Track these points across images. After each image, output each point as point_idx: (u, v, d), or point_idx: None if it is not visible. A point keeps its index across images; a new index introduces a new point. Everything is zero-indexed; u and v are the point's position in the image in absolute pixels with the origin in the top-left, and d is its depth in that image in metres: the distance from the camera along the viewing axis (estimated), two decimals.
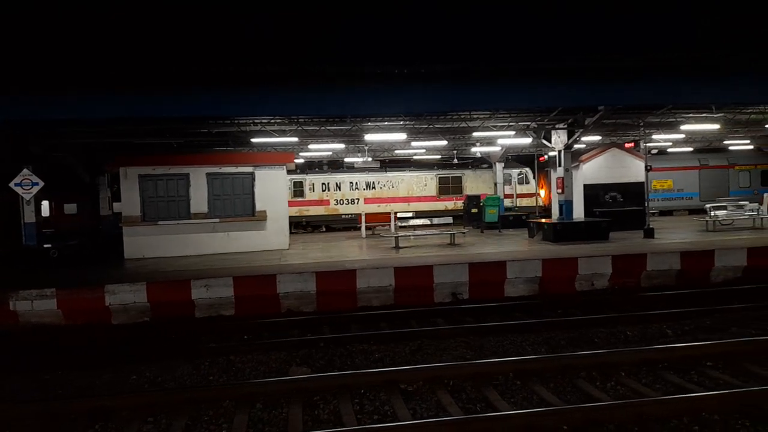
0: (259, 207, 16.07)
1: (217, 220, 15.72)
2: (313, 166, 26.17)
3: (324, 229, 24.18)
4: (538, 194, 25.64)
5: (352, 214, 24.45)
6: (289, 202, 25.09)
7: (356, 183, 25.23)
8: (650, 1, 8.57)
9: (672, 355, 7.11)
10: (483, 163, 26.10)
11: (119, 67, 9.33)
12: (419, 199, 25.05)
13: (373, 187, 25.15)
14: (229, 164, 16.13)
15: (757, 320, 8.87)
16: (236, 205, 16.07)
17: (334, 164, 26.32)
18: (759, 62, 11.09)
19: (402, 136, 17.66)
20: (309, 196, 24.81)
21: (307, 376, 6.76)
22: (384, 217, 21.96)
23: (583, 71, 11.76)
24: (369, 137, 17.14)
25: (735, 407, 5.56)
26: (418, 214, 23.79)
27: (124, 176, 15.53)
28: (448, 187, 25.48)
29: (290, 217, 24.56)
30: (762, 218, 17.52)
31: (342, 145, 20.17)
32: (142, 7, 7.69)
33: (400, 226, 17.92)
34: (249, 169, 16.12)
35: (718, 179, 25.80)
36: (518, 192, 25.58)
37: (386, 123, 16.58)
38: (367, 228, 19.70)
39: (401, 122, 16.67)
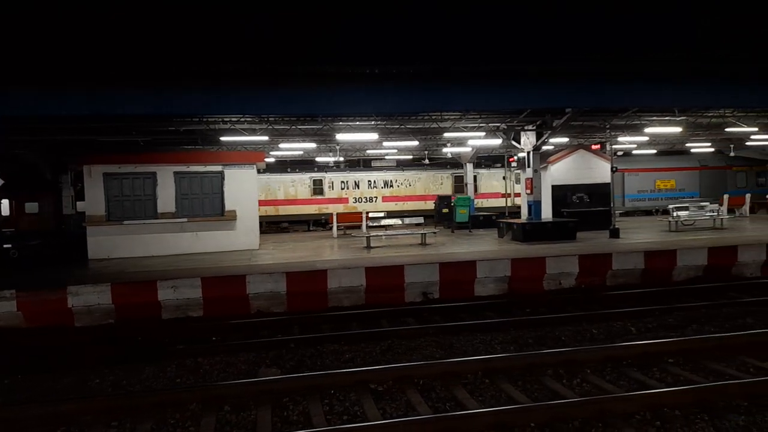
0: (228, 206, 15.86)
1: (185, 219, 15.45)
2: (331, 165, 26.63)
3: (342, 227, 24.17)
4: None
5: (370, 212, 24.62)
6: (309, 200, 25.67)
7: (374, 181, 25.99)
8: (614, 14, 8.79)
9: (635, 352, 7.30)
10: (496, 162, 26.85)
11: (78, 63, 9.07)
12: (435, 197, 25.32)
13: (391, 186, 25.90)
14: (197, 163, 15.86)
15: (715, 318, 9.18)
16: (205, 204, 15.82)
17: (354, 163, 26.76)
18: (704, 71, 11.69)
19: (374, 136, 17.66)
20: (328, 194, 25.46)
21: (276, 377, 6.71)
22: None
23: (552, 74, 12.00)
24: (340, 137, 17.09)
25: (694, 402, 5.74)
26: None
27: (88, 174, 15.12)
28: (462, 186, 25.99)
29: (310, 215, 25.18)
30: (722, 219, 18.13)
31: (313, 145, 20.06)
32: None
33: (371, 226, 17.91)
34: (218, 168, 15.89)
35: (717, 179, 27.23)
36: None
37: (358, 123, 16.55)
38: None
39: (373, 122, 16.67)
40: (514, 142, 17.02)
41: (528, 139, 16.34)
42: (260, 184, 24.74)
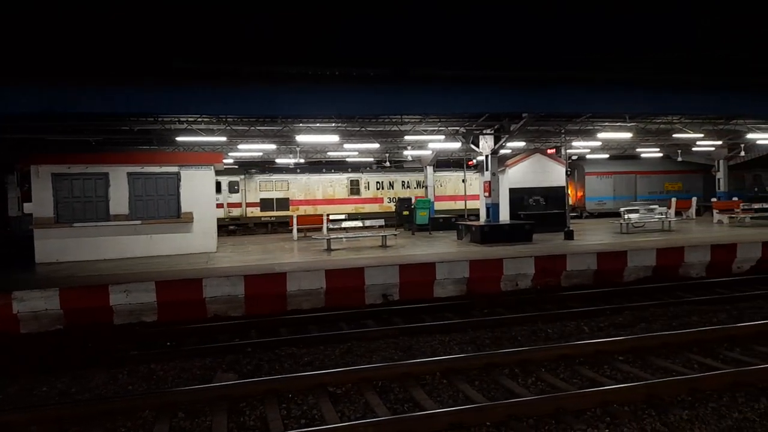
0: (184, 208, 15.49)
1: (139, 222, 15.00)
2: (367, 165, 27.73)
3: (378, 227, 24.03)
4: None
5: (371, 213, 25.65)
6: (345, 200, 26.15)
7: (408, 182, 27.16)
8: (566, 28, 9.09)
9: (587, 351, 7.53)
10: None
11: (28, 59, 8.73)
12: (462, 197, 26.19)
13: (424, 186, 26.25)
14: (152, 164, 15.43)
15: (663, 317, 9.56)
16: (160, 206, 15.41)
17: (386, 164, 27.43)
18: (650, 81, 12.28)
19: (334, 138, 17.64)
20: (364, 194, 26.55)
21: (232, 382, 6.59)
22: None
23: (509, 80, 12.29)
24: (300, 138, 16.98)
25: (642, 398, 5.95)
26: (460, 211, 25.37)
27: (35, 175, 14.49)
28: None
29: (348, 214, 25.28)
30: (670, 221, 18.89)
31: (273, 146, 19.85)
32: None
33: (331, 228, 17.85)
34: (174, 169, 15.50)
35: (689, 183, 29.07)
36: None
37: (318, 125, 16.49)
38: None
39: (333, 124, 16.64)
40: (473, 146, 17.28)
41: (486, 143, 16.62)
42: (300, 184, 25.96)
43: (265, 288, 11.06)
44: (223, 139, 17.04)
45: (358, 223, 18.72)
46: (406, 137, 18.46)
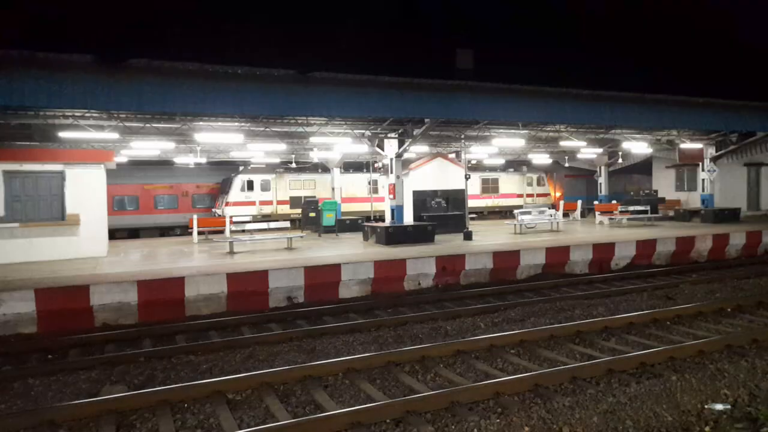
0: (70, 210, 14.31)
1: (17, 224, 13.65)
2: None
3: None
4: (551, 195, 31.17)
5: None
6: (368, 198, 26.06)
7: None
8: None
9: (482, 345, 7.93)
10: (509, 167, 31.33)
11: None
12: (469, 197, 27.03)
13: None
14: (32, 161, 14.11)
15: (550, 311, 10.28)
16: (41, 207, 14.13)
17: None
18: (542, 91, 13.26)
19: (238, 138, 17.15)
20: (382, 192, 26.26)
21: (121, 394, 6.21)
22: None
23: (408, 86, 12.67)
24: (200, 137, 16.33)
25: (529, 388, 6.39)
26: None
27: None
28: (488, 187, 30.27)
29: (366, 212, 24.82)
30: (558, 222, 20.34)
31: (172, 144, 18.90)
32: None
33: (234, 231, 17.31)
34: (58, 168, 14.27)
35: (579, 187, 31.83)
36: (537, 192, 31.63)
37: (220, 123, 15.95)
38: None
39: (237, 124, 16.18)
40: (378, 149, 17.57)
41: (391, 147, 16.98)
42: (326, 183, 26.38)
43: (160, 293, 10.53)
44: (115, 135, 15.98)
45: (263, 225, 18.34)
46: (312, 139, 18.37)
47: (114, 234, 21.62)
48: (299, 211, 24.86)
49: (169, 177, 26.55)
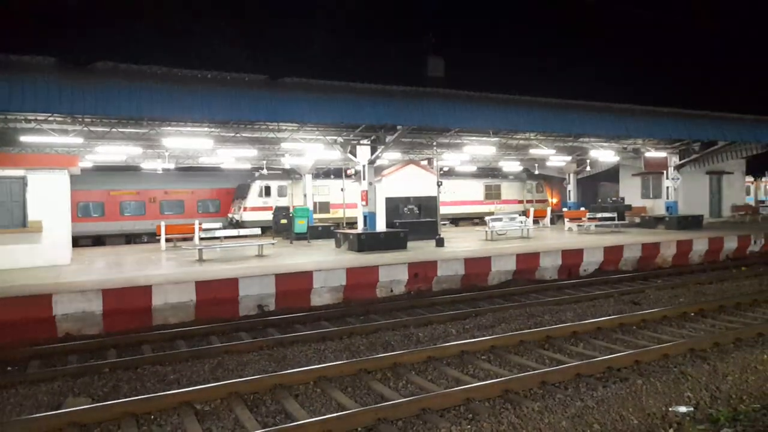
0: (32, 217, 13.84)
1: None
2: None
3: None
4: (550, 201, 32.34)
5: None
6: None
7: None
8: None
9: (453, 352, 7.97)
10: (509, 174, 32.84)
11: None
12: (473, 202, 31.20)
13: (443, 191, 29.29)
14: None
15: (520, 317, 10.40)
16: (2, 214, 13.62)
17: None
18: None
19: (207, 143, 16.91)
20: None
21: (84, 407, 6.02)
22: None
23: (380, 92, 12.71)
24: (168, 142, 16.05)
25: (500, 393, 6.43)
26: (472, 215, 29.62)
27: None
28: (491, 193, 32.15)
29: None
30: (528, 229, 20.62)
31: (139, 150, 18.52)
32: None
33: (203, 238, 17.01)
34: (19, 173, 13.80)
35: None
36: (537, 198, 33.17)
37: (189, 128, 15.70)
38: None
39: (206, 128, 15.95)
40: (350, 156, 17.55)
41: (363, 153, 16.98)
42: (337, 188, 25.30)
43: (126, 302, 10.28)
44: (80, 140, 15.57)
45: (234, 232, 18.08)
46: (284, 145, 18.24)
47: (78, 241, 21.05)
48: (315, 216, 25.28)
49: (136, 183, 26.00)
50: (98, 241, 23.73)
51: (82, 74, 9.62)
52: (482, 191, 32.13)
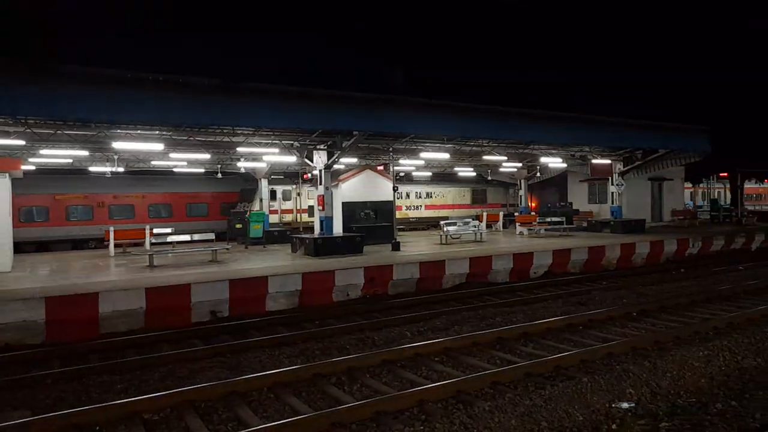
0: None
1: None
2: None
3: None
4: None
5: (417, 218, 31.29)
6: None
7: (419, 193, 32.19)
8: None
9: (407, 355, 8.07)
10: (494, 181, 33.82)
11: None
12: (460, 206, 33.12)
13: (430, 197, 32.35)
14: None
15: (473, 319, 10.61)
16: None
17: (407, 177, 30.47)
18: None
19: (158, 147, 16.49)
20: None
21: (23, 420, 5.78)
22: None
23: (337, 99, 12.76)
24: (118, 145, 15.57)
25: (452, 394, 6.56)
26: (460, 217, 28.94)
27: None
28: (478, 198, 34.32)
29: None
30: (481, 233, 21.04)
31: (85, 153, 17.85)
32: None
33: (154, 243, 16.53)
34: None
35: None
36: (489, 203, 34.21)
37: (139, 132, 15.28)
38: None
39: (157, 132, 15.56)
40: (307, 160, 17.48)
41: (320, 158, 16.95)
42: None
43: (72, 311, 9.90)
44: (21, 142, 14.91)
45: (186, 237, 17.67)
46: (239, 149, 17.99)
47: (21, 247, 20.10)
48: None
49: (84, 187, 25.01)
50: (42, 246, 22.68)
51: (25, 75, 9.23)
52: (470, 196, 34.13)
